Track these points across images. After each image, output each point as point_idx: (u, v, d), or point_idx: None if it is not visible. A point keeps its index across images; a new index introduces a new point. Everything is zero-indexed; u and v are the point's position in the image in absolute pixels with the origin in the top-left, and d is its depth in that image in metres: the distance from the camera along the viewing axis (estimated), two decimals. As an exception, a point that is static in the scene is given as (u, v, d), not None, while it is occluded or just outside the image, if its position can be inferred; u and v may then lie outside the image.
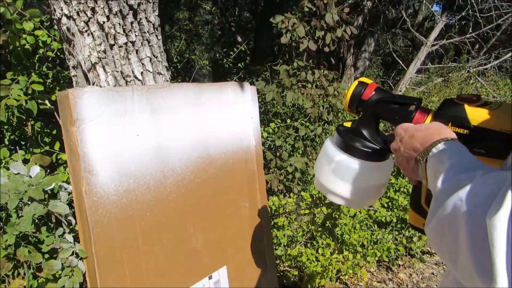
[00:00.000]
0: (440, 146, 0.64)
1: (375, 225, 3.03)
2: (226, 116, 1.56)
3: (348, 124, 0.91)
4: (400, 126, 0.77)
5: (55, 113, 1.48)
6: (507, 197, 0.43)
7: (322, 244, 2.67)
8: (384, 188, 0.94)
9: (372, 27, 6.71)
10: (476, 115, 0.71)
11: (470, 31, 5.94)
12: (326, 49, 2.66)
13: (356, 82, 0.89)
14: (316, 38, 2.58)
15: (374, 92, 0.86)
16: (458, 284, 0.66)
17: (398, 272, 2.90)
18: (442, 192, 0.54)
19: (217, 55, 6.88)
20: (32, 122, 1.69)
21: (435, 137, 0.66)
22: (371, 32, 6.77)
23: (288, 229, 2.82)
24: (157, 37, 1.40)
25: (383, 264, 2.97)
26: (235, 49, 4.62)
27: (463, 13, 5.82)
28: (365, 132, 0.87)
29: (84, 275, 1.20)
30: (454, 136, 0.67)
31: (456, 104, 0.74)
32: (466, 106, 0.73)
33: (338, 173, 0.90)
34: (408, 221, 2.82)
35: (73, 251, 1.18)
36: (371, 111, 0.87)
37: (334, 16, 2.54)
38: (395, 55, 7.05)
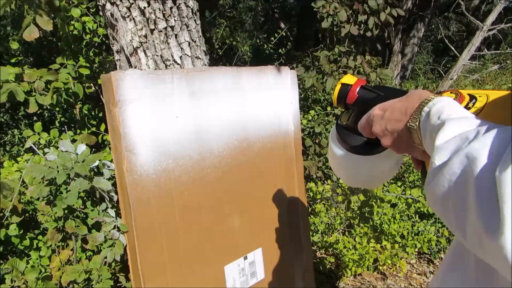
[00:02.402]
0: (431, 104, 0.60)
1: (416, 216, 2.94)
2: (265, 100, 1.56)
3: (344, 120, 0.88)
4: (374, 109, 0.71)
5: (101, 96, 1.56)
6: None
7: (360, 232, 2.64)
8: (396, 166, 0.92)
9: (422, 11, 6.41)
10: None
11: (532, 14, 5.52)
12: (369, 34, 2.58)
13: (338, 86, 0.86)
14: (358, 22, 2.51)
15: (358, 95, 0.84)
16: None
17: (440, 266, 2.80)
18: (443, 149, 0.51)
19: (259, 41, 6.87)
20: (80, 105, 1.79)
21: (419, 99, 0.62)
22: (421, 16, 6.46)
23: (325, 217, 2.81)
24: (195, 22, 1.43)
25: (424, 257, 2.89)
26: (276, 35, 4.59)
27: (524, -5, 5.41)
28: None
29: (124, 248, 1.27)
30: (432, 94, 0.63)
31: None
32: None
33: (341, 165, 0.92)
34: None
35: (115, 225, 1.25)
36: (360, 111, 0.83)
37: (377, -1, 2.46)
38: (447, 41, 6.70)
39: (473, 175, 0.44)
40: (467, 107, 0.66)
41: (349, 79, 0.87)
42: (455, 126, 0.52)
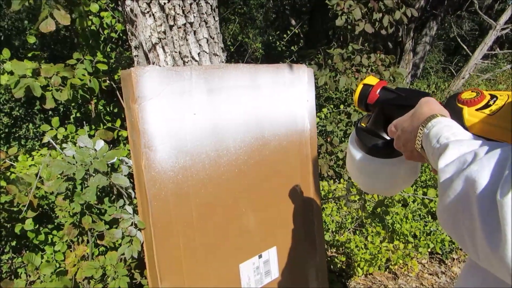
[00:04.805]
0: (429, 125, 0.63)
1: (429, 216, 2.91)
2: (281, 98, 1.55)
3: (364, 123, 0.90)
4: (390, 126, 0.77)
5: (117, 92, 1.56)
6: None
7: (372, 232, 2.62)
8: (416, 172, 0.92)
9: (435, 10, 6.34)
10: (473, 121, 0.66)
11: (547, 12, 5.43)
12: (383, 32, 2.55)
13: (361, 86, 0.89)
14: (373, 20, 2.48)
15: (379, 96, 0.86)
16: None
17: (451, 266, 2.78)
18: (445, 172, 0.53)
19: (270, 38, 6.84)
20: (95, 101, 1.79)
21: (419, 120, 0.66)
22: (434, 15, 6.39)
23: (337, 215, 2.79)
24: (214, 19, 1.41)
25: (436, 257, 2.86)
26: (288, 32, 4.56)
27: (539, -7, 5.32)
28: (379, 132, 0.86)
29: (142, 245, 1.27)
30: (437, 109, 0.66)
31: (456, 106, 0.70)
32: (465, 109, 0.69)
33: (360, 170, 0.92)
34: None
35: (132, 222, 1.25)
36: (380, 113, 0.86)
37: (394, -3, 2.43)
38: (459, 40, 6.62)
39: (475, 196, 0.47)
40: (487, 105, 0.68)
41: (371, 80, 0.90)
42: (454, 149, 0.54)
